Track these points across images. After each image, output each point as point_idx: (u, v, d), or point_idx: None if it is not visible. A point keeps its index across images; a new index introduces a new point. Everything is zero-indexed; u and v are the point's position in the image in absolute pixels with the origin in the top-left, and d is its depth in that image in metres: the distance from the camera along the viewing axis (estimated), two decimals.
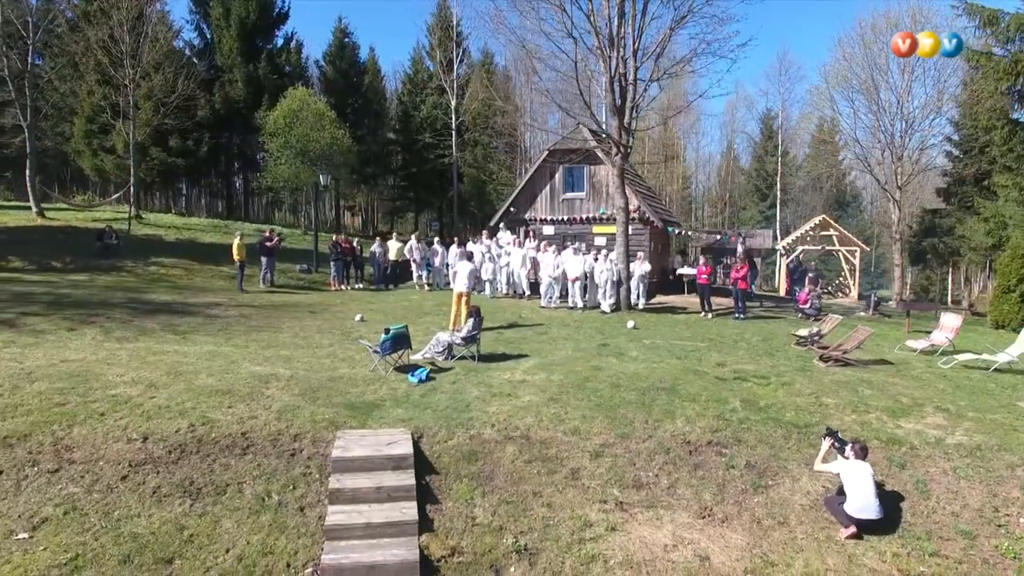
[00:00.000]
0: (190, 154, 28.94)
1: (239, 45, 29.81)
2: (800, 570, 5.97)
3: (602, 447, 7.44)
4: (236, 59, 29.83)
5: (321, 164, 25.92)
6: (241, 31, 29.79)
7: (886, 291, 32.08)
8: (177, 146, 28.00)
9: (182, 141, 28.04)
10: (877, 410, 8.52)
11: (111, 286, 14.74)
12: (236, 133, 32.15)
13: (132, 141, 23.23)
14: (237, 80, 29.95)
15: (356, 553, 5.44)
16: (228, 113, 30.21)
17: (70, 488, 6.01)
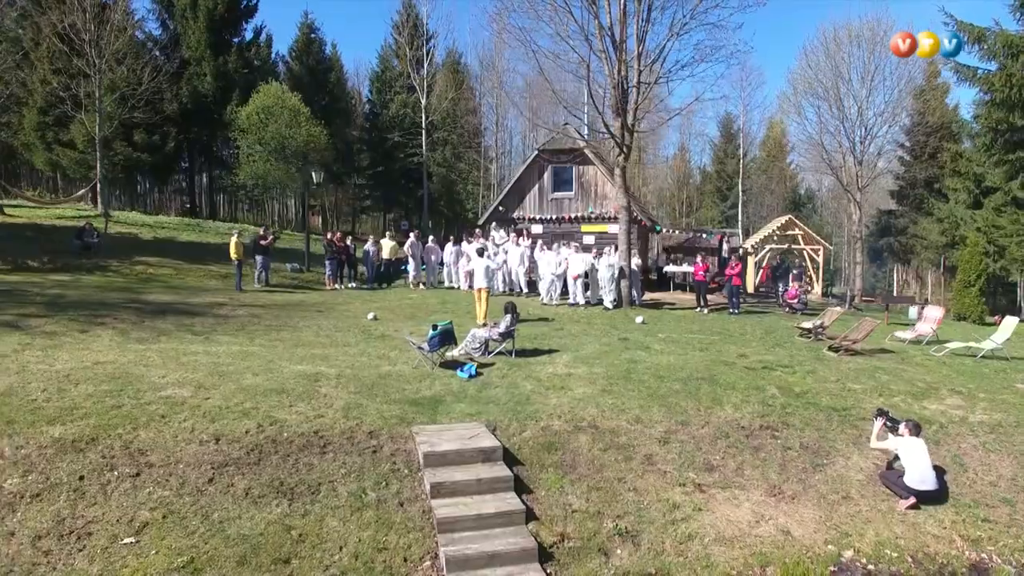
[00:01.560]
0: (156, 149, 27.52)
1: (207, 38, 28.61)
2: (872, 539, 6.43)
3: (667, 434, 7.74)
4: (204, 52, 28.61)
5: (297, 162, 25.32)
6: (209, 23, 28.60)
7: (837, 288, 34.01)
8: (142, 140, 26.57)
9: (148, 136, 26.66)
10: (900, 393, 9.21)
11: (102, 286, 13.96)
12: (204, 128, 30.79)
13: (98, 135, 21.94)
14: (206, 74, 28.71)
15: (476, 543, 5.50)
16: (196, 108, 28.94)
17: (159, 492, 5.79)
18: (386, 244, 19.30)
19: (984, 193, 22.10)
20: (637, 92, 15.31)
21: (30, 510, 5.39)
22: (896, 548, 6.32)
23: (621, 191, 16.57)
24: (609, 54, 15.29)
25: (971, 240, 17.09)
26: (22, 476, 5.71)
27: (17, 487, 5.58)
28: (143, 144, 26.68)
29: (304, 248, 20.58)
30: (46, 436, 6.26)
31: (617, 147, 16.09)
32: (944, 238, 23.14)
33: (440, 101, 36.98)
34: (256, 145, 25.06)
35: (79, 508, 5.50)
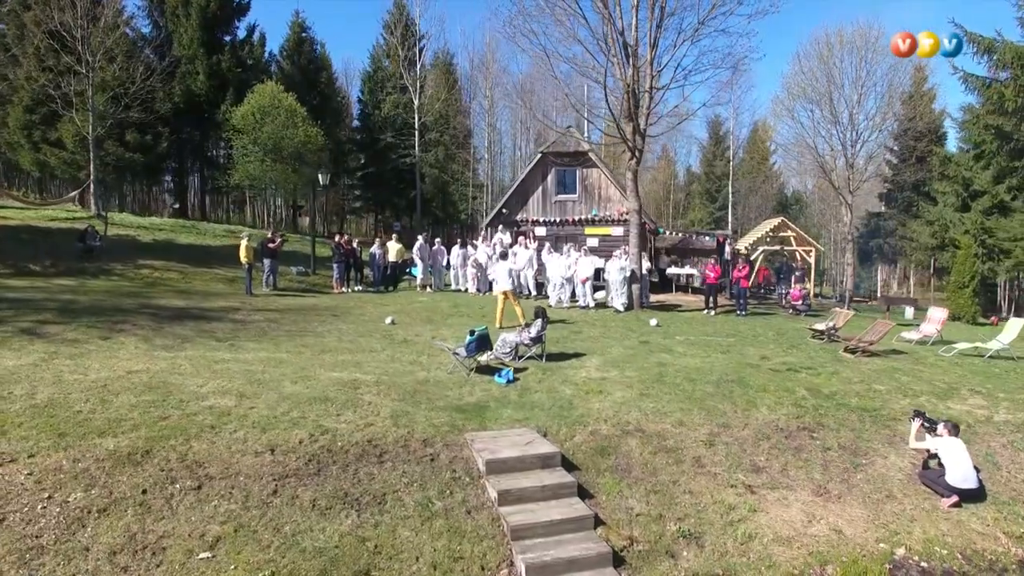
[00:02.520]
0: (148, 149, 26.92)
1: (200, 36, 28.09)
2: (920, 537, 6.63)
3: (711, 436, 7.87)
4: (197, 50, 28.10)
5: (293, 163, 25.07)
6: (202, 21, 28.09)
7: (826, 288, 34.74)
8: (134, 140, 25.97)
9: (140, 135, 26.06)
10: (924, 394, 9.49)
11: (111, 291, 13.66)
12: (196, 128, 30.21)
13: (91, 134, 21.38)
14: (199, 72, 28.19)
15: (552, 550, 5.54)
16: (188, 107, 28.39)
17: (225, 505, 5.72)
18: (392, 247, 19.20)
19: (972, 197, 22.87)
20: (649, 97, 15.48)
21: (100, 525, 5.28)
22: (945, 545, 6.52)
23: (633, 195, 16.73)
24: (621, 59, 15.44)
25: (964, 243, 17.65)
26: (85, 491, 5.59)
27: (82, 502, 5.46)
28: (135, 144, 26.08)
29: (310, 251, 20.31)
30: (100, 449, 6.13)
31: (629, 151, 16.23)
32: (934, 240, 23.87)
33: (433, 102, 36.87)
34: (251, 146, 24.77)
35: (148, 523, 5.40)
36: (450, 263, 19.88)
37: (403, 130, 36.92)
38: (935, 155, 25.61)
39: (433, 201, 40.19)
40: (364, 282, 19.21)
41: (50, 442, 6.14)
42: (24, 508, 5.30)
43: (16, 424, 6.40)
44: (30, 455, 5.90)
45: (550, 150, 22.12)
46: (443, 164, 39.56)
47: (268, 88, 24.91)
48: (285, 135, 24.12)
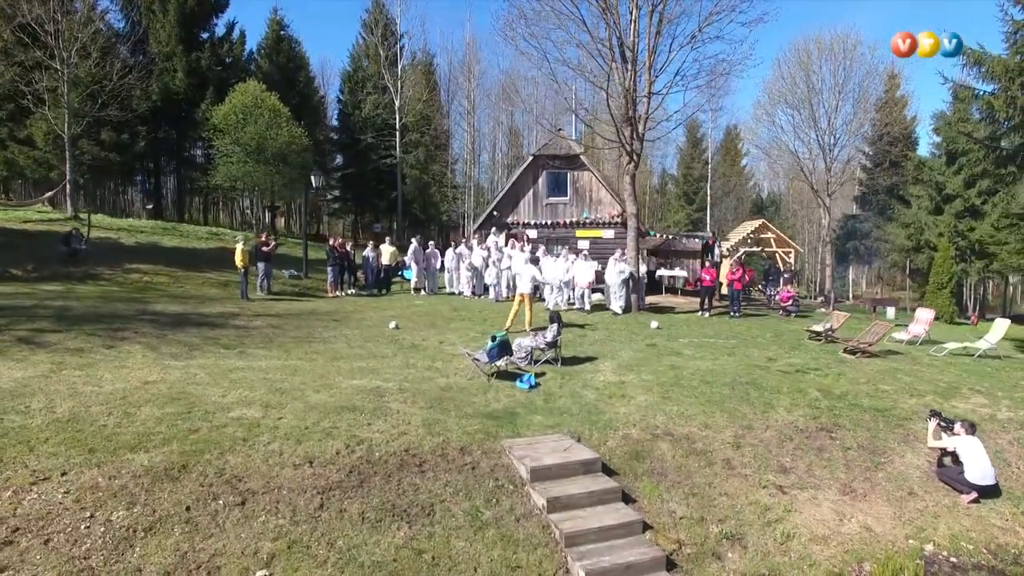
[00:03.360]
0: (124, 148, 25.97)
1: (178, 32, 27.24)
2: (945, 533, 6.88)
3: (736, 439, 8.02)
4: (175, 47, 27.23)
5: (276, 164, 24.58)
6: (179, 17, 27.23)
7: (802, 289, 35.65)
8: (110, 139, 25.03)
9: (116, 134, 25.13)
10: (928, 393, 9.84)
11: (104, 296, 13.16)
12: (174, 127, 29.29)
13: (67, 133, 20.53)
14: (176, 70, 27.33)
15: (607, 556, 5.57)
16: (167, 105, 27.50)
17: (274, 520, 5.58)
18: (386, 250, 18.99)
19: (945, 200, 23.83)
20: (647, 102, 15.67)
21: (148, 544, 5.10)
22: (970, 540, 6.78)
23: (631, 198, 16.90)
24: (619, 64, 15.59)
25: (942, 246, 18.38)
26: (127, 508, 5.39)
27: (126, 520, 5.27)
28: (111, 143, 25.15)
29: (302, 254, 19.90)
30: (135, 464, 5.93)
31: (627, 155, 16.40)
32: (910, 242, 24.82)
33: (414, 102, 36.59)
34: (233, 146, 24.19)
35: (197, 541, 5.24)
36: (444, 266, 19.79)
37: (384, 131, 36.52)
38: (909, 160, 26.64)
39: (414, 202, 39.87)
40: (357, 285, 18.96)
41: (81, 458, 5.91)
42: (67, 528, 5.09)
43: (42, 440, 6.14)
44: (63, 473, 5.68)
45: (542, 152, 22.19)
46: (424, 165, 39.29)
47: (250, 87, 24.35)
48: (268, 135, 23.60)
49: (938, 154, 25.47)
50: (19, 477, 5.54)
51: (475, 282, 18.87)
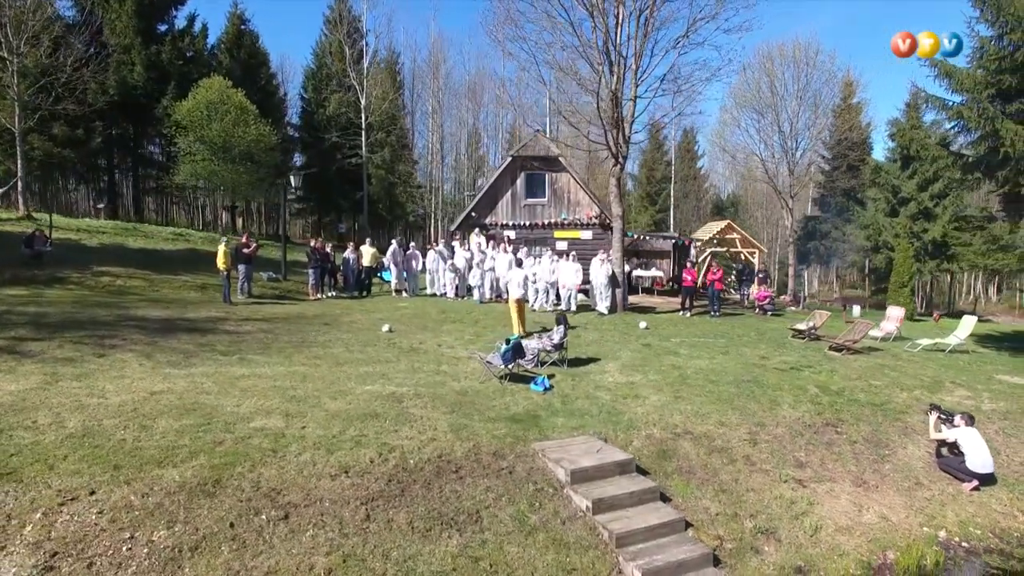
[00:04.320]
0: (79, 144, 24.46)
1: (135, 24, 25.86)
2: (954, 520, 7.30)
3: (751, 436, 8.25)
4: (133, 40, 25.84)
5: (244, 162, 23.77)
6: (137, 8, 25.85)
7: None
8: (63, 134, 23.52)
9: (70, 129, 23.63)
10: (916, 388, 10.38)
11: (78, 301, 12.39)
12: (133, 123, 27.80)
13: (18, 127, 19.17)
14: (135, 63, 25.94)
15: (658, 554, 5.65)
16: (124, 100, 26.05)
17: (323, 534, 5.41)
18: (366, 251, 18.63)
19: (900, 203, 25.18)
20: (633, 105, 15.93)
21: (198, 564, 4.86)
22: (977, 526, 7.21)
23: (616, 200, 17.12)
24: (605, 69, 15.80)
25: (903, 247, 19.46)
26: (168, 527, 5.12)
27: (169, 540, 5.00)
28: (64, 138, 23.65)
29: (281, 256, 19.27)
30: (166, 480, 5.63)
31: (612, 157, 16.61)
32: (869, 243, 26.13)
33: (380, 101, 35.99)
34: (197, 144, 23.23)
35: (247, 559, 5.02)
36: (425, 267, 19.59)
37: (349, 129, 35.77)
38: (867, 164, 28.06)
39: (379, 202, 39.23)
40: (337, 287, 18.53)
41: (107, 476, 5.57)
42: (108, 550, 4.80)
43: (60, 457, 5.76)
44: (91, 492, 5.34)
45: (520, 154, 22.24)
46: (390, 165, 38.71)
47: (215, 83, 23.42)
48: (235, 133, 22.77)
49: (893, 158, 26.98)
50: (45, 498, 5.18)
51: (458, 283, 18.77)
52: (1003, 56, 11.89)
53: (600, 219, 21.85)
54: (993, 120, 11.34)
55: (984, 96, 12.01)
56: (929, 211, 24.43)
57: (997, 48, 11.80)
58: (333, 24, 37.11)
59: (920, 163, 24.33)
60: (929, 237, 23.41)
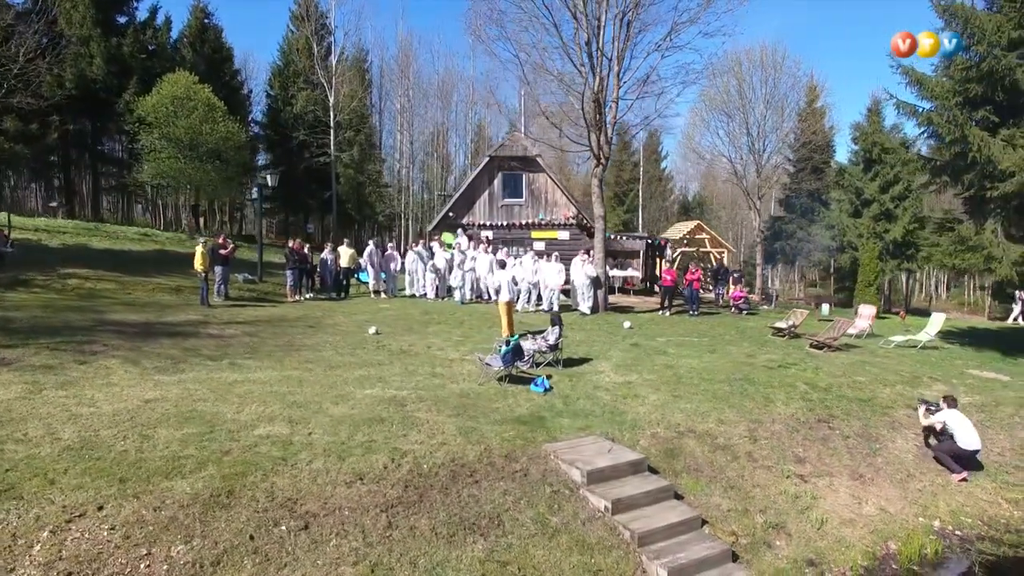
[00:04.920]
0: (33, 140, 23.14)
1: (94, 14, 24.65)
2: (945, 509, 7.62)
3: (751, 433, 8.43)
4: (92, 31, 24.62)
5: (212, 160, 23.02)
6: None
7: None
8: (16, 128, 22.20)
9: (23, 123, 22.33)
10: (897, 383, 10.79)
11: (47, 305, 11.74)
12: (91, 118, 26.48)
13: None
14: (94, 56, 24.73)
15: (681, 552, 5.71)
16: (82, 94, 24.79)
17: (346, 544, 5.27)
18: (344, 252, 18.26)
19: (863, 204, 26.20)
20: (616, 107, 16.10)
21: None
22: (967, 515, 7.55)
23: (599, 201, 17.27)
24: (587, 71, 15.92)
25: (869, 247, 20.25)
26: (185, 542, 4.90)
27: (189, 555, 4.79)
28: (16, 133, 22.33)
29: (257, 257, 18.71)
30: (177, 493, 5.39)
31: (595, 158, 16.74)
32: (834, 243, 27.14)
33: (348, 99, 35.37)
34: (162, 141, 22.36)
35: (271, 572, 4.85)
36: (404, 268, 19.35)
37: (317, 128, 35.02)
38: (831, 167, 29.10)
39: (348, 202, 38.55)
40: (314, 289, 18.13)
41: (113, 490, 5.30)
42: (126, 569, 4.57)
43: (60, 471, 5.45)
44: (99, 507, 5.07)
45: (498, 154, 22.22)
46: (358, 164, 38.09)
47: (182, 78, 22.58)
48: (204, 131, 22.01)
49: (856, 161, 28.08)
50: (50, 515, 4.89)
51: (438, 284, 18.61)
52: (969, 66, 12.49)
53: (577, 219, 22.02)
54: (962, 126, 11.89)
55: (953, 103, 12.56)
56: (890, 212, 25.56)
57: (964, 58, 12.39)
58: (300, 20, 36.31)
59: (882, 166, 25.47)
60: (891, 237, 24.53)
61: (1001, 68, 11.84)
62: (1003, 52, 11.92)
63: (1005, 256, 11.90)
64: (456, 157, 48.06)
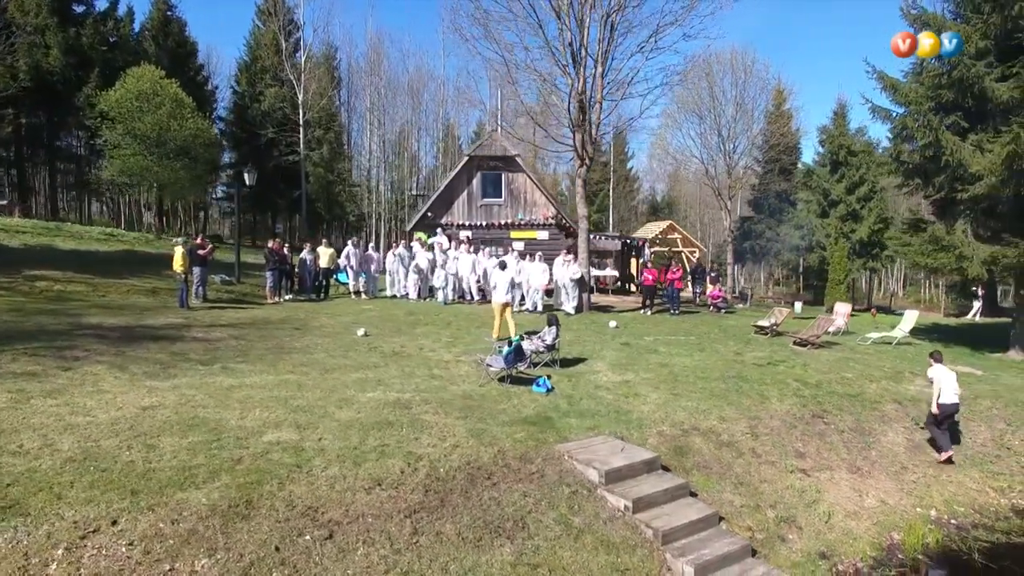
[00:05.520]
0: None
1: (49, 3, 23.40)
2: (939, 499, 7.93)
3: (751, 429, 8.59)
4: (47, 20, 23.38)
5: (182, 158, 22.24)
6: None
7: None
8: None
9: None
10: (882, 379, 11.18)
11: (16, 309, 11.07)
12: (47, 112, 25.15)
13: None
14: (50, 47, 23.48)
15: (704, 548, 5.77)
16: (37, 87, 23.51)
17: (375, 552, 5.14)
18: (324, 252, 17.87)
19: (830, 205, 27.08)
20: (600, 107, 16.21)
21: None
22: (959, 503, 7.86)
23: (582, 201, 17.35)
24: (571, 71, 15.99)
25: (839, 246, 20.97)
26: (209, 556, 4.69)
27: (214, 569, 4.59)
28: None
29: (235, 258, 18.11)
30: (194, 504, 5.16)
31: (578, 158, 16.82)
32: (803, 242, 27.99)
33: (319, 97, 34.65)
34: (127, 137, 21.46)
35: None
36: (385, 268, 19.07)
37: (286, 126, 34.19)
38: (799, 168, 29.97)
39: (317, 201, 37.78)
40: (293, 290, 17.68)
41: (126, 503, 5.04)
42: None
43: (66, 484, 5.15)
44: (113, 521, 4.81)
45: (476, 153, 22.11)
46: (328, 163, 37.35)
47: (148, 72, 21.70)
48: (171, 127, 21.22)
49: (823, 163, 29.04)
50: (62, 531, 4.61)
51: (420, 285, 18.40)
52: (941, 73, 13.03)
53: (556, 219, 22.11)
54: (937, 131, 12.39)
55: (926, 108, 13.08)
56: (856, 213, 26.55)
57: (938, 67, 12.91)
58: (267, 15, 35.37)
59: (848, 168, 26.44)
60: (857, 237, 25.48)
61: (971, 76, 12.39)
62: (972, 61, 12.47)
63: (975, 255, 12.45)
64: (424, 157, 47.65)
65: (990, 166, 11.96)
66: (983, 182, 12.27)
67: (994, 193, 12.34)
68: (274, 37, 34.12)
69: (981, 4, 12.43)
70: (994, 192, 12.30)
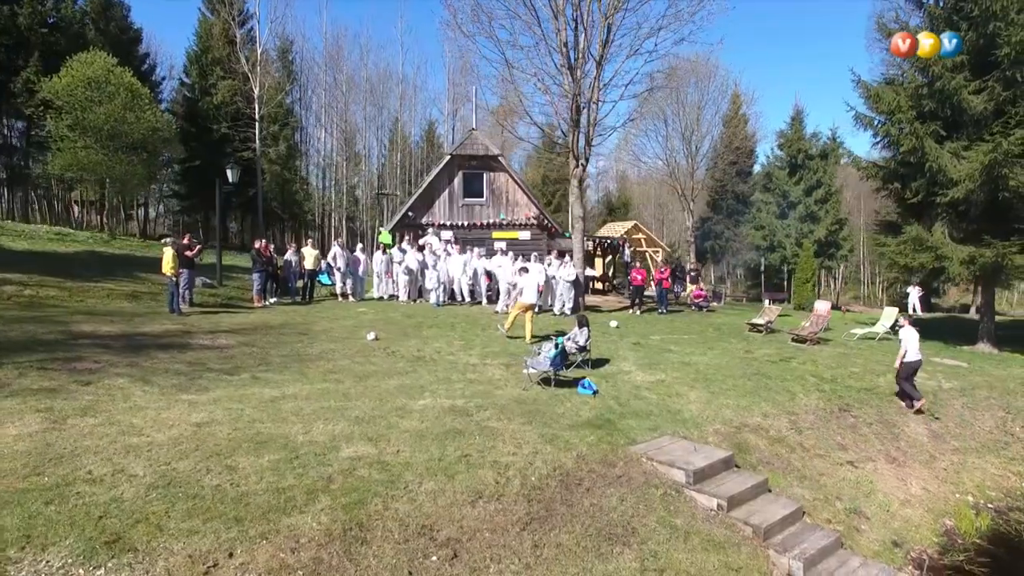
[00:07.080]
0: None
1: None
2: (971, 486, 8.43)
3: (793, 424, 8.85)
4: None
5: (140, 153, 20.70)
6: None
7: None
8: None
9: None
10: (886, 372, 11.74)
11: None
12: None
13: None
14: None
15: (804, 543, 5.86)
16: None
17: (509, 568, 4.90)
18: (309, 253, 17.09)
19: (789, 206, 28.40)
20: (596, 108, 16.30)
21: None
22: (990, 488, 8.38)
23: (578, 202, 17.41)
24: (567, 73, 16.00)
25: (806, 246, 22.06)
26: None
27: None
28: None
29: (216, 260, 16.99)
30: (306, 529, 4.77)
31: (573, 159, 16.85)
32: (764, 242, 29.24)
33: (275, 92, 33.13)
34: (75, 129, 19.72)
35: None
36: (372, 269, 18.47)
37: (240, 121, 32.49)
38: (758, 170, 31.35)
39: (273, 200, 36.13)
40: (278, 292, 16.81)
41: (234, 532, 4.60)
42: None
43: (161, 514, 4.64)
44: (229, 553, 4.37)
45: (458, 152, 21.77)
46: (285, 160, 35.81)
47: (98, 58, 19.97)
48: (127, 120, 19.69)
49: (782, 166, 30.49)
50: (180, 567, 4.14)
51: (410, 287, 17.93)
52: (922, 84, 13.90)
53: (538, 220, 22.09)
54: (922, 139, 13.21)
55: (910, 116, 13.91)
56: (815, 214, 28.05)
57: (921, 79, 13.77)
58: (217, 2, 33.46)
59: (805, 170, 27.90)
60: (815, 237, 26.93)
61: (950, 88, 13.28)
62: (951, 74, 13.37)
63: (955, 255, 13.34)
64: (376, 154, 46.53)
65: (969, 172, 12.85)
66: (960, 187, 13.19)
67: (970, 197, 13.25)
68: (224, 26, 32.37)
69: (959, 22, 13.34)
70: (971, 196, 13.21)
